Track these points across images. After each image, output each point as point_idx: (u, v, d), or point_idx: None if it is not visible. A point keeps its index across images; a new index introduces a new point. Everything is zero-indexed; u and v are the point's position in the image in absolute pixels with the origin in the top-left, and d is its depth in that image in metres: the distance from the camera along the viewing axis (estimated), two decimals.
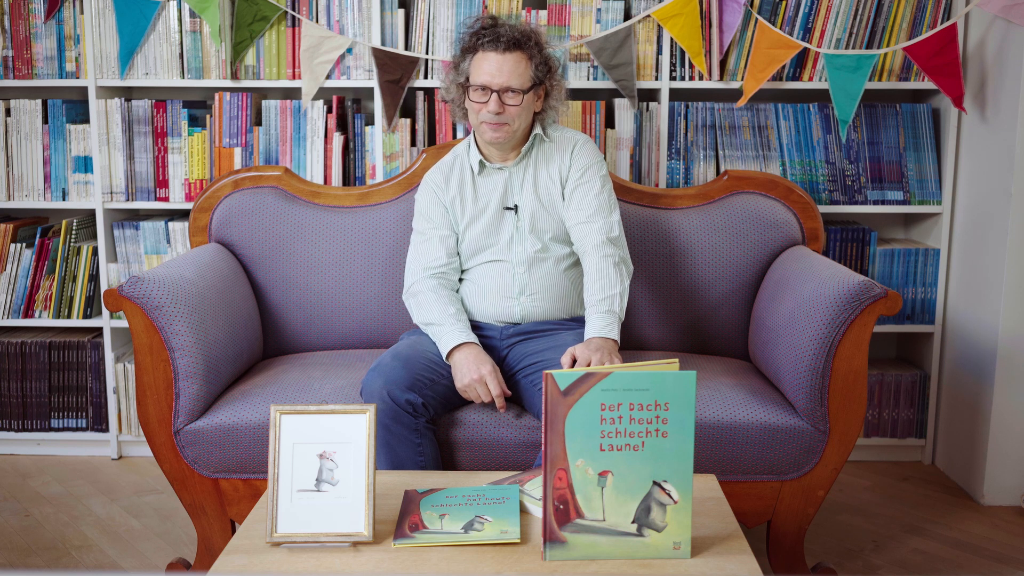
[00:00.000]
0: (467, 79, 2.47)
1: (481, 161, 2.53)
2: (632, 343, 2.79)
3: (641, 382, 1.65)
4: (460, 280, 2.55)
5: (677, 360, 1.75)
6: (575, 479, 1.66)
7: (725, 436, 2.30)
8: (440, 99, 3.06)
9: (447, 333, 2.34)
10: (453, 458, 2.31)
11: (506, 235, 2.51)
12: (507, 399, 2.33)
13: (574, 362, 2.20)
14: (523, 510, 1.85)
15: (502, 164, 2.53)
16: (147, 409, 2.34)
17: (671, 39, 3.02)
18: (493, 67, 2.41)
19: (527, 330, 2.47)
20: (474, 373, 2.25)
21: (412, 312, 2.47)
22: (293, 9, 3.05)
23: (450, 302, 2.42)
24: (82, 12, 3.08)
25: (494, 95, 2.41)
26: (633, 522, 1.68)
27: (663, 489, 1.67)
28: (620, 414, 1.65)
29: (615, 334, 2.29)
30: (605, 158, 3.07)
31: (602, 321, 2.31)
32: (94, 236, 3.28)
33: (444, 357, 2.33)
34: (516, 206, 2.51)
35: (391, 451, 2.19)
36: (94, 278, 3.20)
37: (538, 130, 2.54)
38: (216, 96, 3.09)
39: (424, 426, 2.22)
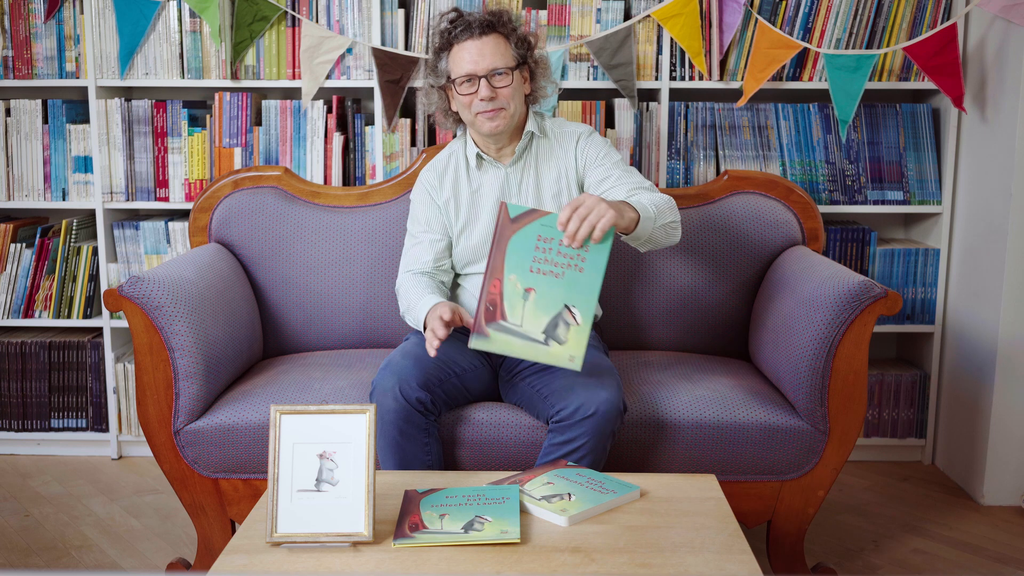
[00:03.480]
0: (449, 77, 2.39)
1: (479, 154, 2.46)
2: (632, 343, 2.79)
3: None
4: (456, 285, 2.52)
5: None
6: (506, 289, 2.06)
7: (725, 436, 2.30)
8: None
9: (420, 309, 2.29)
10: (454, 457, 2.31)
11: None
12: (508, 399, 2.33)
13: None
14: (523, 510, 1.85)
15: (499, 162, 2.46)
16: (147, 409, 2.34)
17: (671, 39, 3.02)
18: (474, 54, 2.33)
19: None
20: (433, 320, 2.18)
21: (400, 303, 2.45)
22: (293, 9, 3.05)
23: (426, 288, 2.37)
24: (82, 12, 3.08)
25: (482, 81, 2.33)
26: (543, 332, 2.05)
27: (570, 311, 2.04)
28: (551, 247, 2.03)
29: (634, 201, 2.16)
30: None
31: (623, 195, 2.26)
32: (94, 236, 3.28)
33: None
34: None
35: (400, 450, 2.18)
36: (94, 278, 3.20)
37: (532, 126, 2.45)
38: (216, 96, 3.09)
39: (432, 424, 2.22)
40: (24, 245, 3.17)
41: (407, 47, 3.07)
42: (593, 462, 2.15)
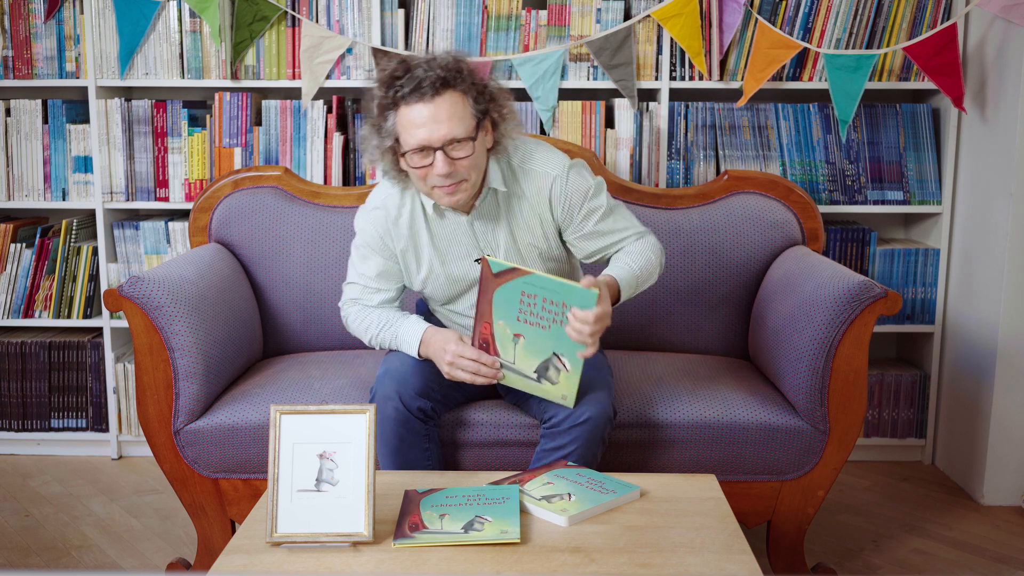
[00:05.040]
0: (396, 141, 2.07)
1: (435, 205, 2.19)
2: (632, 343, 2.79)
3: (555, 288, 2.01)
4: (440, 313, 2.39)
5: (597, 290, 2.00)
6: (496, 332, 2.10)
7: (725, 436, 2.30)
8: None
9: (404, 333, 2.21)
10: (454, 458, 2.31)
11: (475, 292, 2.20)
12: (506, 397, 2.33)
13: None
14: (523, 510, 1.85)
15: (460, 212, 2.20)
16: (147, 409, 2.34)
17: (671, 39, 3.02)
18: (427, 120, 2.00)
19: None
20: (446, 356, 2.13)
21: (360, 337, 2.34)
22: (293, 9, 3.05)
23: (393, 311, 2.29)
24: (82, 12, 3.08)
25: (438, 154, 2.01)
26: (535, 372, 2.10)
27: (560, 360, 2.07)
28: (535, 303, 2.03)
29: (621, 278, 2.13)
30: (604, 159, 3.07)
31: (624, 269, 2.15)
32: (94, 236, 3.28)
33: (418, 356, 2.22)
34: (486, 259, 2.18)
35: (400, 456, 2.18)
36: (94, 278, 3.20)
37: (496, 180, 2.15)
38: (216, 96, 3.09)
39: (432, 429, 2.22)
40: (24, 245, 3.17)
41: (407, 47, 3.07)
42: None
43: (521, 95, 3.11)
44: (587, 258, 2.29)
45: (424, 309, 2.48)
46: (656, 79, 3.07)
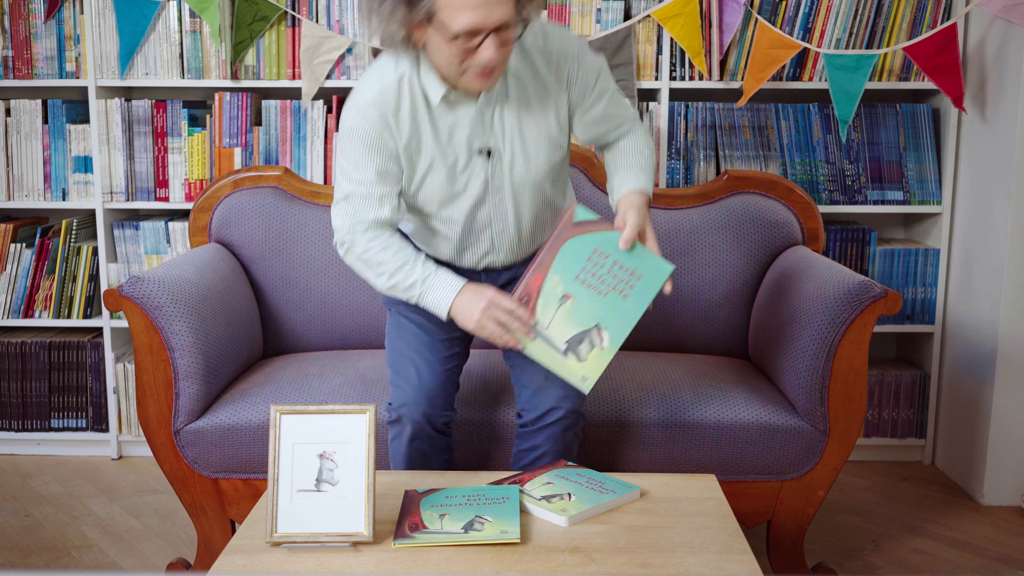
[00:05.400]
0: (430, 16, 1.84)
1: (445, 94, 1.97)
2: (633, 343, 2.78)
3: (633, 253, 1.96)
4: (428, 228, 2.14)
5: (673, 267, 1.99)
6: (546, 287, 1.97)
7: (725, 436, 2.30)
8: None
9: (438, 283, 2.01)
10: (454, 457, 2.31)
11: (475, 188, 2.05)
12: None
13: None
14: (523, 510, 1.85)
15: (470, 96, 1.99)
16: (147, 409, 2.34)
17: (671, 39, 3.02)
18: (480, 2, 1.80)
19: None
20: (481, 303, 1.96)
21: (366, 276, 2.08)
22: (293, 9, 3.05)
23: (411, 251, 2.04)
24: (82, 12, 3.08)
25: (490, 38, 1.83)
26: (565, 343, 1.97)
27: (600, 332, 1.96)
28: (603, 263, 1.96)
29: (650, 188, 2.08)
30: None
31: (639, 175, 2.07)
32: (94, 236, 3.28)
33: (445, 318, 2.02)
34: (490, 150, 2.03)
35: (417, 466, 2.18)
36: (94, 278, 3.20)
37: (513, 58, 1.99)
38: (216, 96, 3.09)
39: (450, 438, 2.22)
40: (24, 245, 3.17)
41: None
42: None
43: None
44: (587, 143, 2.18)
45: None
46: (656, 79, 3.07)
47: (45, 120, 3.16)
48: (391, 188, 2.03)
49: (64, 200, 3.18)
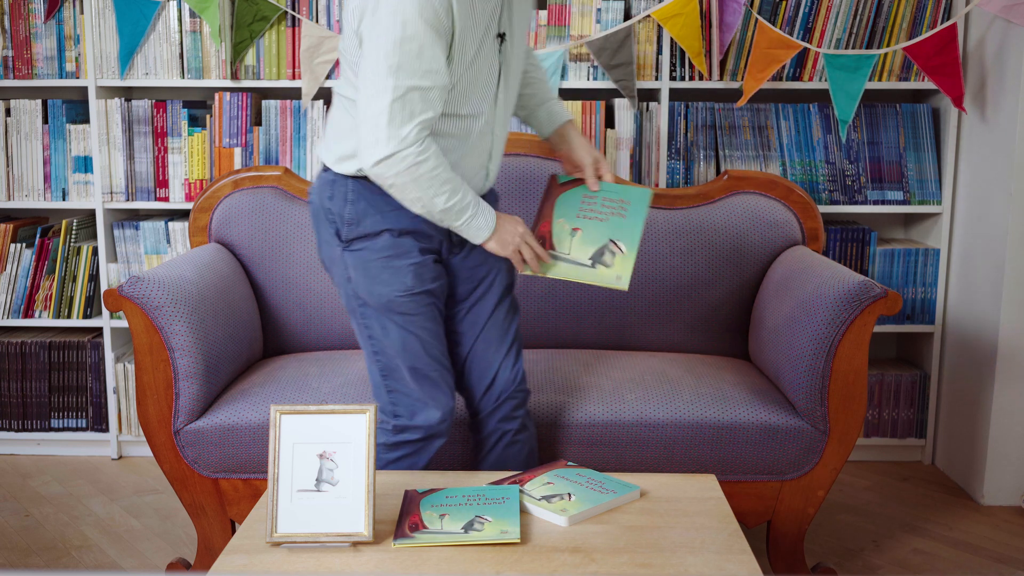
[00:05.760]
0: None
1: None
2: (633, 343, 2.79)
3: (614, 189, 2.19)
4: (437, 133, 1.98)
5: (652, 190, 2.31)
6: (555, 229, 2.16)
7: (725, 436, 2.30)
8: None
9: (484, 210, 1.97)
10: (454, 457, 2.31)
11: (491, 77, 1.97)
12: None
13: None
14: (523, 510, 1.85)
15: None
16: (147, 409, 2.34)
17: (671, 39, 3.02)
18: None
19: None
20: (516, 237, 2.02)
21: (413, 197, 1.90)
22: (293, 9, 3.05)
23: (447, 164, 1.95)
24: (82, 12, 3.08)
25: None
26: (589, 259, 2.14)
27: (615, 244, 2.14)
28: (595, 202, 2.18)
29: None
30: (605, 159, 3.07)
31: (562, 106, 2.24)
32: (94, 236, 3.28)
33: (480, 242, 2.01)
34: (504, 34, 1.97)
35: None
36: (94, 278, 3.20)
37: None
38: (216, 96, 3.09)
39: None
40: (24, 245, 3.17)
41: None
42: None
43: None
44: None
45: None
46: (656, 79, 3.07)
47: (45, 120, 3.16)
48: (445, 81, 1.87)
49: (64, 200, 3.18)
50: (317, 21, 3.05)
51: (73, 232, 3.18)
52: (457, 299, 2.16)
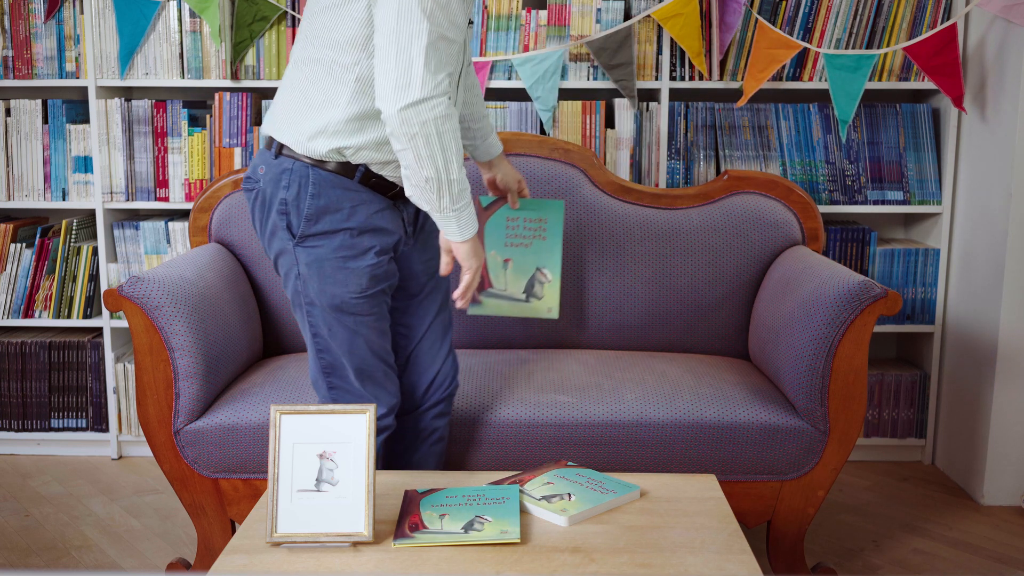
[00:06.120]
0: None
1: None
2: (633, 343, 2.79)
3: (532, 205, 2.45)
4: None
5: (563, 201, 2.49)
6: (489, 263, 2.45)
7: (725, 436, 2.30)
8: None
9: (472, 208, 1.92)
10: (455, 457, 2.31)
11: (460, 57, 1.94)
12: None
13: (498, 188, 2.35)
14: (523, 510, 1.85)
15: None
16: (147, 409, 2.34)
17: (671, 39, 3.02)
18: None
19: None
20: (483, 255, 1.99)
21: (424, 152, 1.80)
22: (293, 9, 3.05)
23: None
24: (82, 12, 3.08)
25: None
26: (523, 292, 2.46)
27: (542, 272, 2.45)
28: (518, 223, 2.46)
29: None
30: (605, 159, 3.08)
31: (497, 138, 2.30)
32: (94, 236, 3.28)
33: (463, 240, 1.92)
34: (472, 20, 2.00)
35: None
36: (94, 278, 3.20)
37: None
38: (216, 96, 3.09)
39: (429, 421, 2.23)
40: (24, 245, 3.17)
41: None
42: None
43: (521, 95, 3.12)
44: None
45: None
46: (656, 79, 3.07)
47: (45, 120, 3.16)
48: (462, 39, 1.87)
49: (64, 200, 3.18)
50: None
51: (73, 232, 3.18)
52: (411, 293, 2.13)
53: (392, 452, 2.22)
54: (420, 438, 2.20)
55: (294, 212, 1.93)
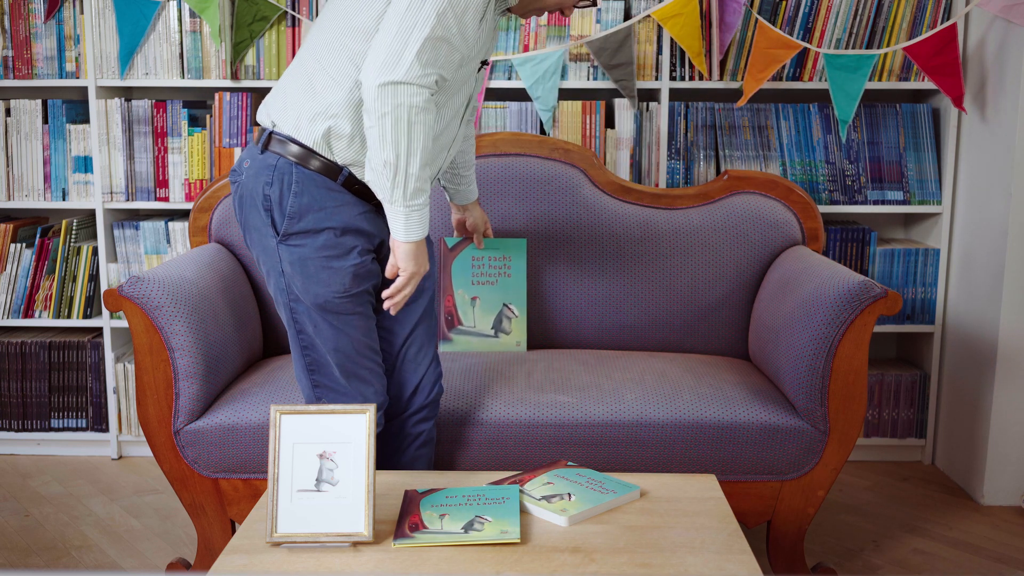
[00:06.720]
0: None
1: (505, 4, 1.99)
2: (633, 343, 2.79)
3: (495, 244, 2.61)
4: None
5: (525, 239, 2.64)
6: (457, 301, 2.62)
7: (725, 436, 2.30)
8: None
9: (426, 214, 1.92)
10: (455, 457, 2.31)
11: (466, 92, 2.03)
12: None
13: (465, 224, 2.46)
14: (523, 510, 1.85)
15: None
16: (147, 409, 2.34)
17: (671, 39, 3.02)
18: None
19: None
20: (423, 267, 1.95)
21: (409, 136, 1.81)
22: (293, 9, 3.05)
23: None
24: (82, 12, 3.08)
25: None
26: (492, 328, 2.63)
27: (509, 308, 2.62)
28: (483, 263, 2.62)
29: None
30: (605, 159, 3.08)
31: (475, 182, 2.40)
32: (94, 236, 3.28)
33: (406, 239, 1.91)
34: (486, 61, 2.05)
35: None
36: (94, 278, 3.20)
37: None
38: (216, 96, 3.09)
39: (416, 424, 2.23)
40: (24, 245, 3.17)
41: None
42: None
43: (521, 95, 3.12)
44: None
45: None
46: (656, 79, 3.07)
47: (45, 120, 3.16)
48: (466, 56, 1.91)
49: (64, 200, 3.18)
50: None
51: (73, 232, 3.18)
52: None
53: (379, 455, 2.22)
54: (406, 442, 2.21)
55: (276, 209, 1.95)
